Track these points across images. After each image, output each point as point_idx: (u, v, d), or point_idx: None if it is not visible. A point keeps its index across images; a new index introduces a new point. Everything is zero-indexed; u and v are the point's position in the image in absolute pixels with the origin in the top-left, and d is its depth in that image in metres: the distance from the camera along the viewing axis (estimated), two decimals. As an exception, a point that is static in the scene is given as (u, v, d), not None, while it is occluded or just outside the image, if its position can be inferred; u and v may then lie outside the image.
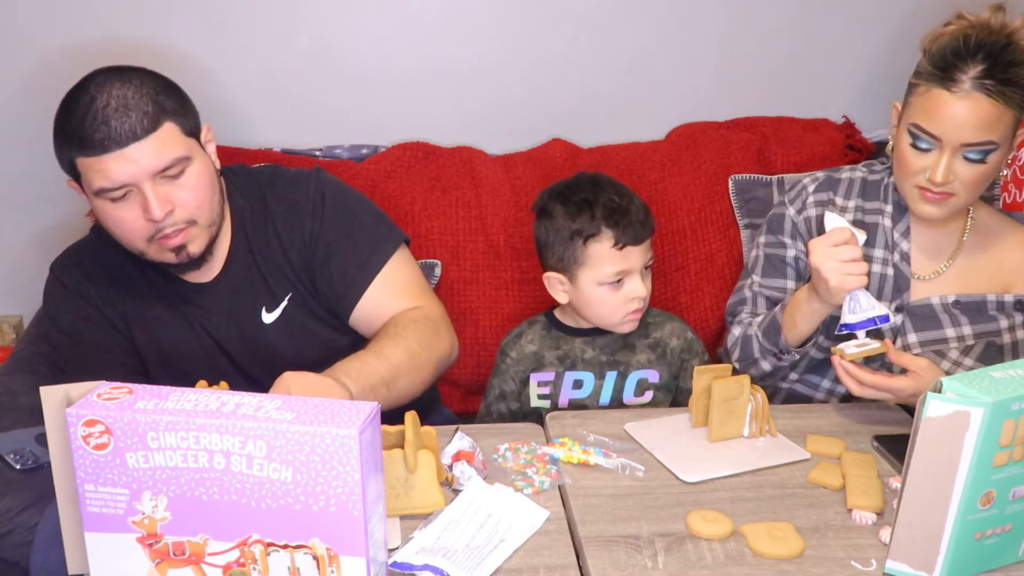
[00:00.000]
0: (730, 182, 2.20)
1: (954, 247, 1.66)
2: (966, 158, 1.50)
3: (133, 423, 0.98)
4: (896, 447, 1.37)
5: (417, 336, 1.50)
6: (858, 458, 1.33)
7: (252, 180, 1.62)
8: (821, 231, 1.66)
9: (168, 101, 1.42)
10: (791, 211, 1.76)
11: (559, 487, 1.30)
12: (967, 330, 1.62)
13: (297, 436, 0.96)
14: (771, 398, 1.67)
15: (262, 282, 1.57)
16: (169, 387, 1.02)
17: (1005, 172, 1.57)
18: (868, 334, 1.51)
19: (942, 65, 1.50)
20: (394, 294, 1.58)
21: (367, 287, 1.57)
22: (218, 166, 1.53)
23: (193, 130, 1.46)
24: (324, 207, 1.58)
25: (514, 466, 1.33)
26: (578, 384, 1.70)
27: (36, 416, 1.08)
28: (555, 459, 1.35)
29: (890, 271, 1.67)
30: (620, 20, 2.31)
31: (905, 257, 1.67)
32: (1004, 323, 1.62)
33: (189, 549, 1.02)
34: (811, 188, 1.75)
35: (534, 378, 1.71)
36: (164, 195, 1.41)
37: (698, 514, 1.21)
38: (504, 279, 2.13)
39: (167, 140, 1.40)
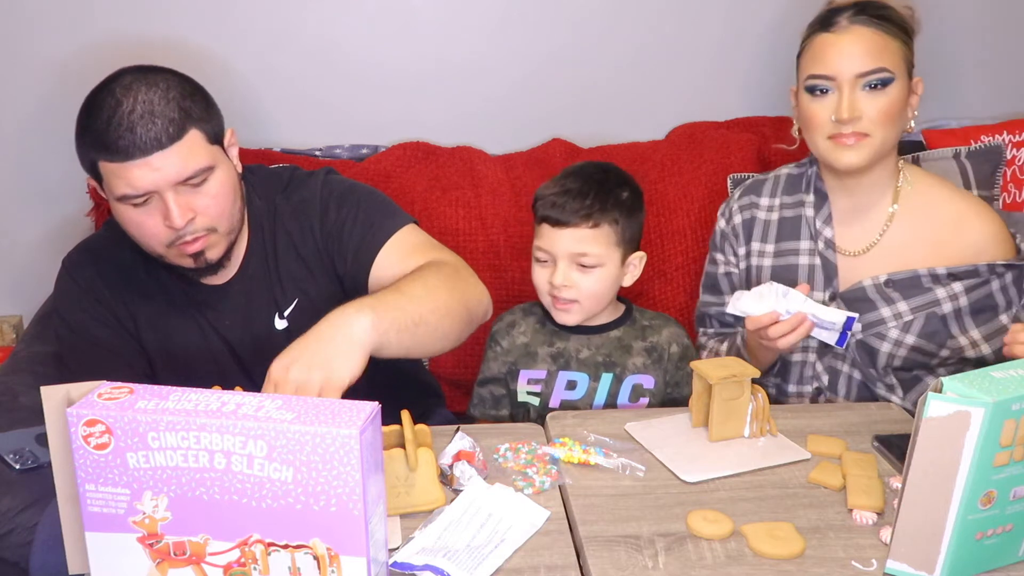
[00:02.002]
0: (729, 182, 2.20)
1: (884, 220, 1.67)
2: (867, 89, 1.56)
3: (134, 423, 0.98)
4: (896, 447, 1.37)
5: (433, 273, 1.44)
6: (858, 458, 1.33)
7: (271, 182, 1.60)
8: (748, 236, 1.76)
9: (194, 107, 1.40)
10: (721, 223, 1.81)
11: (559, 487, 1.30)
12: (903, 306, 1.63)
13: (298, 436, 0.96)
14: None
15: (278, 285, 1.56)
16: (170, 387, 1.02)
17: (911, 125, 1.64)
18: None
19: (818, 20, 1.62)
20: (407, 254, 1.52)
21: (379, 250, 1.52)
22: (239, 170, 1.51)
23: (217, 136, 1.45)
24: (330, 200, 1.56)
25: (514, 466, 1.33)
26: (571, 385, 1.68)
27: (36, 416, 1.08)
28: (555, 459, 1.35)
29: (817, 261, 1.69)
30: (620, 20, 2.32)
31: (830, 244, 1.69)
32: (942, 293, 1.62)
33: (190, 549, 1.02)
34: (736, 194, 1.81)
35: (524, 375, 1.69)
36: (186, 203, 1.40)
37: (698, 514, 1.21)
38: (504, 279, 2.13)
39: (192, 149, 1.38)
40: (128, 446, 0.98)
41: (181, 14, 2.19)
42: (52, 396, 1.03)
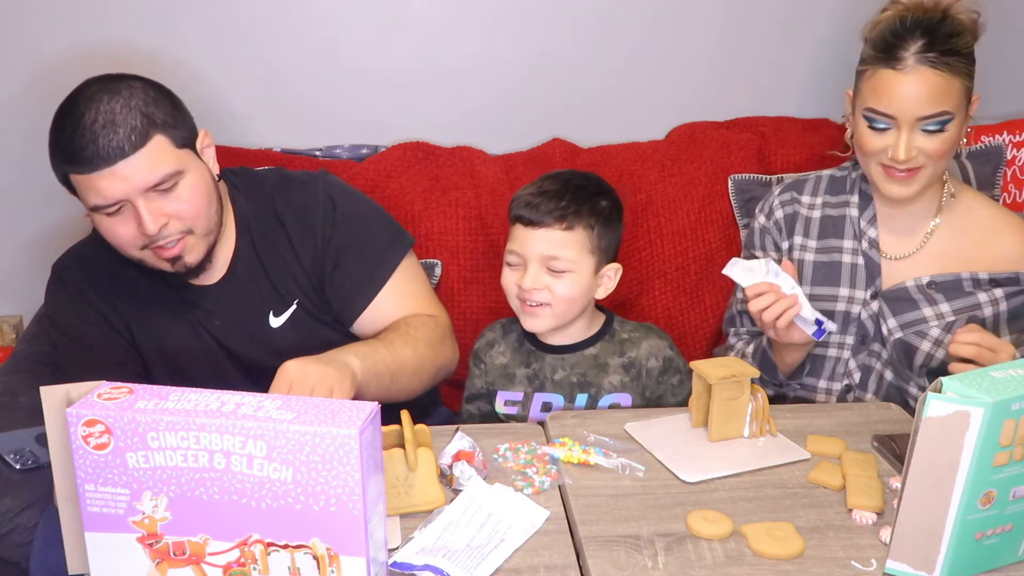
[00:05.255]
0: (729, 182, 2.20)
1: (927, 228, 1.68)
2: (925, 131, 1.54)
3: (133, 423, 0.98)
4: (896, 447, 1.37)
5: (426, 340, 1.52)
6: (858, 458, 1.33)
7: (257, 184, 1.61)
8: (791, 230, 1.75)
9: (158, 112, 1.40)
10: (760, 219, 1.81)
11: (559, 487, 1.30)
12: (945, 307, 1.64)
13: (297, 436, 0.96)
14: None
15: (269, 286, 1.56)
16: (169, 387, 1.02)
17: (964, 142, 1.61)
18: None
19: (883, 47, 1.56)
20: (402, 303, 1.59)
21: (375, 295, 1.57)
22: (216, 171, 1.51)
23: (186, 140, 1.44)
24: (335, 212, 1.57)
25: (514, 466, 1.33)
26: (546, 406, 1.64)
27: (36, 416, 1.08)
28: (555, 459, 1.35)
29: (860, 260, 1.70)
30: (620, 19, 2.31)
31: (874, 244, 1.70)
32: (984, 297, 1.63)
33: (189, 549, 1.02)
34: (776, 191, 1.81)
35: (501, 396, 1.67)
36: (157, 209, 1.40)
37: (698, 514, 1.21)
38: (504, 279, 2.13)
39: (157, 155, 1.39)
40: (128, 446, 0.98)
41: (180, 16, 2.19)
42: (52, 396, 1.04)
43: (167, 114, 1.42)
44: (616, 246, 1.64)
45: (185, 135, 1.44)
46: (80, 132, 1.36)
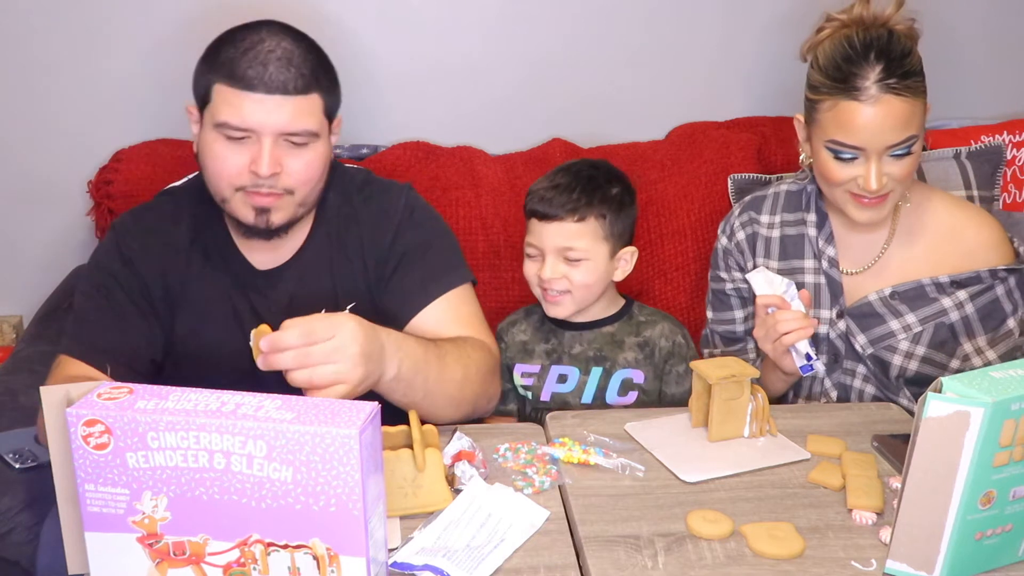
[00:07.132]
0: (729, 182, 2.20)
1: (883, 238, 1.65)
2: (893, 156, 1.50)
3: (133, 423, 0.98)
4: (896, 447, 1.37)
5: (478, 365, 1.45)
6: (858, 458, 1.33)
7: (345, 179, 1.59)
8: (753, 252, 1.74)
9: (324, 76, 1.43)
10: (723, 241, 1.79)
11: (559, 487, 1.30)
12: (911, 318, 1.62)
13: (297, 436, 0.96)
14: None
15: (330, 284, 1.53)
16: (169, 387, 1.02)
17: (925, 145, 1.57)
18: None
19: (839, 76, 1.50)
20: (454, 321, 1.52)
21: (427, 304, 1.51)
22: (332, 156, 1.51)
23: (330, 113, 1.47)
24: (410, 221, 1.55)
25: (514, 466, 1.33)
26: (562, 378, 1.71)
27: (36, 416, 1.08)
28: (555, 459, 1.35)
29: (822, 279, 1.68)
30: (620, 20, 2.32)
31: (833, 263, 1.67)
32: (948, 302, 1.61)
33: (189, 549, 1.02)
34: (736, 211, 1.79)
35: (519, 368, 1.74)
36: (279, 157, 1.39)
37: (698, 514, 1.21)
38: (504, 279, 2.13)
39: (309, 109, 1.40)
40: (127, 446, 0.98)
41: (180, 13, 2.19)
42: (52, 396, 1.04)
43: (330, 82, 1.45)
44: (631, 230, 1.72)
45: (332, 107, 1.47)
46: (255, 53, 1.37)
